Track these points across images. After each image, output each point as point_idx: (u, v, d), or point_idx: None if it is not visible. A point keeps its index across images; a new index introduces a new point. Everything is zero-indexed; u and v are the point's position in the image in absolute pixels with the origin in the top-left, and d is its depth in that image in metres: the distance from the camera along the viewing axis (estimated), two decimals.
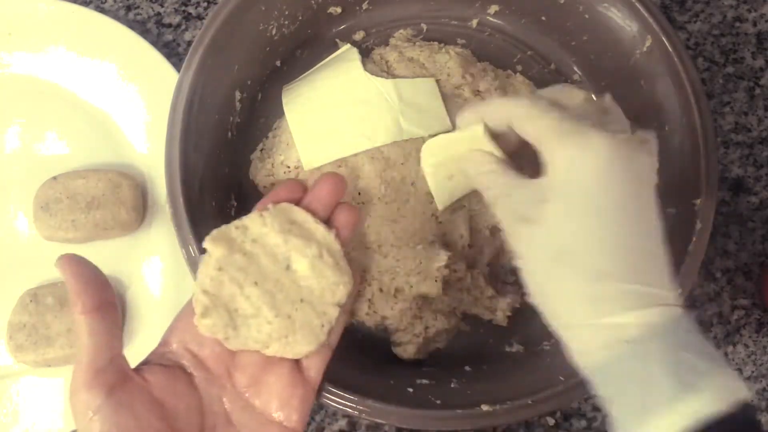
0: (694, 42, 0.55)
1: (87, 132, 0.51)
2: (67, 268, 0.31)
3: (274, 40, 0.48)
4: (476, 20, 0.51)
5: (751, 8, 0.56)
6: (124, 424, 0.29)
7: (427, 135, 0.44)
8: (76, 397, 0.30)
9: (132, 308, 0.48)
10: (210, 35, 0.43)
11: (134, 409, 0.30)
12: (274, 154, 0.46)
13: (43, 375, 0.46)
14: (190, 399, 0.32)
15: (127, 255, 0.49)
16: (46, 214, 0.47)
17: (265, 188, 0.47)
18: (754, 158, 0.53)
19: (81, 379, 0.30)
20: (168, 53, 0.53)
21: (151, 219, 0.50)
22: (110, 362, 0.31)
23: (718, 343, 0.49)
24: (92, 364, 0.30)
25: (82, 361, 0.30)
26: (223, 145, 0.46)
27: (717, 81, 0.54)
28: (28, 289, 0.46)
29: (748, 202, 0.52)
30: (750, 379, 0.48)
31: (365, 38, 0.51)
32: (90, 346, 0.30)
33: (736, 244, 0.51)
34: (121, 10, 0.55)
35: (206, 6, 0.55)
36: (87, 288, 0.31)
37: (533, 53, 0.51)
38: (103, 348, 0.31)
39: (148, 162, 0.51)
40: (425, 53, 0.48)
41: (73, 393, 0.30)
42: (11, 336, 0.45)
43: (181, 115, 0.42)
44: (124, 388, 0.30)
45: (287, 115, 0.45)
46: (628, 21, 0.45)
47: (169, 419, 0.31)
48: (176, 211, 0.41)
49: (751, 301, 0.50)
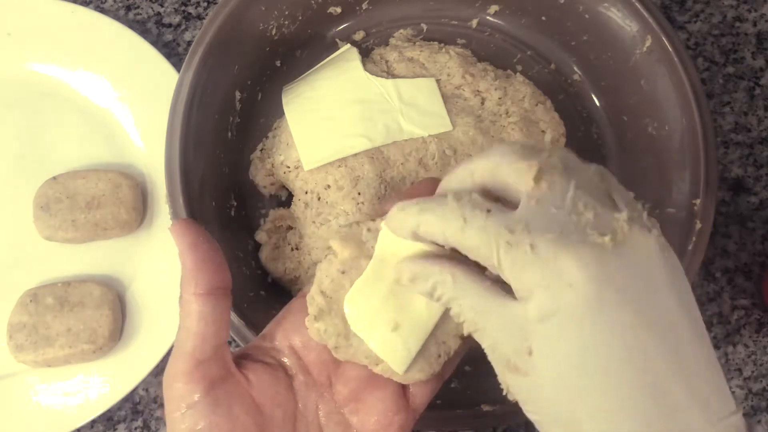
0: (694, 42, 0.55)
1: (87, 132, 0.51)
2: (183, 239, 0.27)
3: (274, 40, 0.48)
4: (476, 20, 0.51)
5: (751, 8, 0.56)
6: (218, 425, 0.27)
7: (427, 135, 0.44)
8: (172, 386, 0.27)
9: (132, 308, 0.48)
10: (210, 35, 0.43)
11: (232, 411, 0.27)
12: (274, 154, 0.46)
13: (43, 375, 0.46)
14: (288, 406, 0.29)
15: (127, 255, 0.49)
16: (46, 214, 0.47)
17: (265, 188, 0.47)
18: (754, 158, 0.53)
19: (180, 367, 0.27)
20: (168, 53, 0.53)
21: (151, 219, 0.50)
22: (215, 353, 0.28)
23: (718, 343, 0.49)
24: (196, 353, 0.27)
25: (184, 348, 0.27)
26: (223, 145, 0.46)
27: (717, 81, 0.54)
28: (28, 289, 0.46)
29: (748, 202, 0.52)
30: (750, 379, 0.48)
31: (365, 38, 0.51)
32: (197, 333, 0.27)
33: (736, 244, 0.51)
34: (121, 10, 0.55)
35: (206, 6, 0.55)
36: (204, 266, 0.27)
37: (533, 53, 0.51)
38: (210, 337, 0.27)
39: (148, 162, 0.51)
40: (425, 53, 0.48)
41: (170, 381, 0.28)
42: (11, 336, 0.45)
43: (181, 115, 0.42)
44: (225, 386, 0.28)
45: (287, 115, 0.45)
46: (628, 21, 0.45)
47: (265, 426, 0.28)
48: (176, 211, 0.41)
49: (751, 301, 0.50)
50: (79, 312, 0.45)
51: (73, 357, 0.45)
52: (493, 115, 0.46)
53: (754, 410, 0.48)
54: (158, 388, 0.48)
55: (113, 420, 0.47)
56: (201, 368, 0.27)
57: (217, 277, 0.28)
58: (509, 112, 0.46)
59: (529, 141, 0.24)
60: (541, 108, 0.48)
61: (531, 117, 0.47)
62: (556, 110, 0.48)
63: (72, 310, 0.45)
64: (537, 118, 0.47)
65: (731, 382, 0.48)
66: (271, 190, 0.48)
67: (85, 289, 0.46)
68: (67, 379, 0.46)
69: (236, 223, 0.46)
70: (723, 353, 0.49)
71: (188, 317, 0.27)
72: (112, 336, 0.45)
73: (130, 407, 0.47)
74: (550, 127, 0.47)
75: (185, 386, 0.27)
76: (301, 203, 0.45)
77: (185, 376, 0.27)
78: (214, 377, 0.28)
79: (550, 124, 0.48)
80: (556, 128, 0.48)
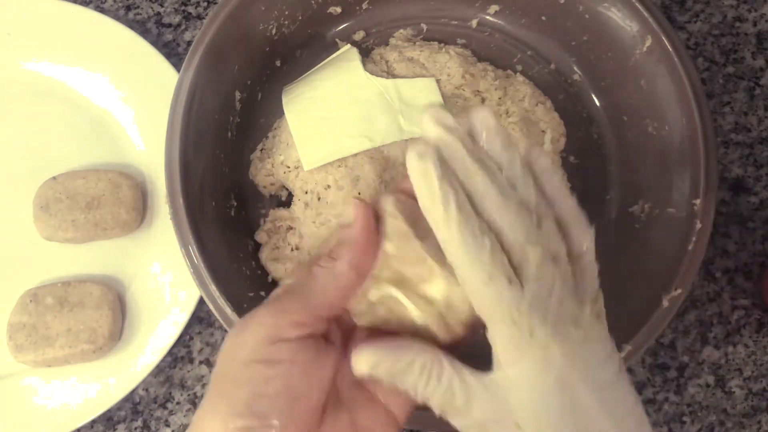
0: (694, 42, 0.55)
1: (87, 132, 0.51)
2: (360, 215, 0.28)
3: (274, 40, 0.48)
4: (476, 20, 0.51)
5: (751, 8, 0.56)
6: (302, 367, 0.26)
7: None
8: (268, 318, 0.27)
9: (132, 308, 0.48)
10: (210, 35, 0.43)
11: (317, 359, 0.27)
12: (274, 154, 0.46)
13: (43, 375, 0.46)
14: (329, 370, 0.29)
15: (127, 255, 0.49)
16: (46, 214, 0.47)
17: (265, 188, 0.47)
18: (754, 158, 0.53)
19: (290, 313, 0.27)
20: (168, 53, 0.53)
21: (151, 219, 0.50)
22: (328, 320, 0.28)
23: (718, 343, 0.49)
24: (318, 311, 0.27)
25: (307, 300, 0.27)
26: (223, 145, 0.46)
27: (717, 81, 0.54)
28: (28, 289, 0.46)
29: (748, 202, 0.52)
30: (750, 379, 0.48)
31: (365, 38, 0.51)
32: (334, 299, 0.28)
33: (736, 244, 0.51)
34: (121, 10, 0.55)
35: (206, 6, 0.55)
36: (371, 250, 0.28)
37: (533, 53, 0.51)
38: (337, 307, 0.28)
39: (148, 162, 0.51)
40: (425, 53, 0.48)
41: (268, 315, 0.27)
42: (11, 336, 0.45)
43: (181, 115, 0.42)
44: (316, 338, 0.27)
45: (287, 115, 0.45)
46: (628, 21, 0.45)
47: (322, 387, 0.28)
48: (176, 211, 0.41)
49: (751, 301, 0.50)
50: (79, 312, 0.45)
51: (73, 357, 0.45)
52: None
53: (754, 410, 0.48)
54: (158, 388, 0.48)
55: (113, 420, 0.47)
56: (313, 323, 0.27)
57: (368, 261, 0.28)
58: (509, 112, 0.46)
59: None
60: (541, 108, 0.48)
61: (531, 117, 0.47)
62: (556, 110, 0.49)
63: (72, 310, 0.45)
64: (537, 118, 0.47)
65: (731, 382, 0.48)
66: (271, 190, 0.48)
67: (85, 289, 0.46)
68: (67, 379, 0.46)
69: (236, 223, 0.46)
70: (723, 353, 0.49)
71: (333, 282, 0.28)
72: (112, 336, 0.45)
73: (130, 407, 0.47)
74: (550, 127, 0.48)
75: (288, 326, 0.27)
76: (301, 203, 0.45)
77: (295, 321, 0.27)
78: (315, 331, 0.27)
79: (550, 124, 0.48)
80: (556, 128, 0.48)
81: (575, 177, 0.48)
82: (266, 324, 0.27)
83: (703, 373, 0.49)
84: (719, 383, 0.48)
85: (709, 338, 0.49)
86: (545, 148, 0.47)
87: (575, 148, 0.49)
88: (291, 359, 0.26)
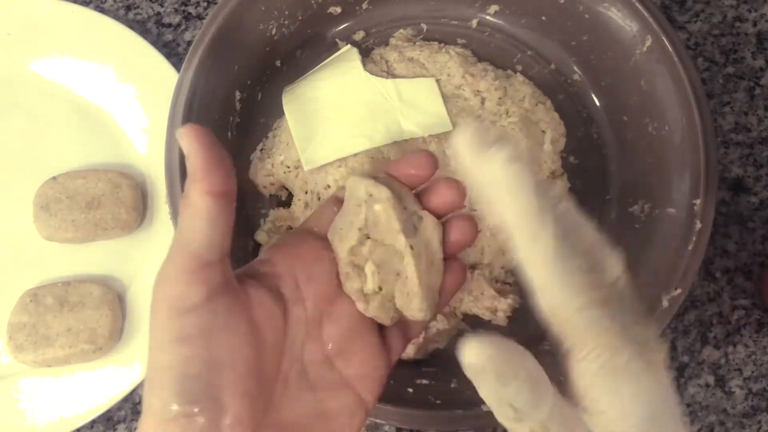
0: (694, 42, 0.55)
1: (87, 132, 0.51)
2: (192, 142, 0.26)
3: (274, 40, 0.48)
4: (476, 20, 0.51)
5: (751, 8, 0.56)
6: (215, 334, 0.25)
7: (427, 135, 0.44)
8: (167, 287, 0.25)
9: (132, 308, 0.48)
10: (210, 35, 0.43)
11: (230, 322, 0.25)
12: (274, 154, 0.46)
13: (43, 375, 0.46)
14: (279, 333, 0.28)
15: (127, 255, 0.49)
16: (46, 214, 0.47)
17: (265, 188, 0.47)
18: (754, 158, 0.53)
19: (180, 267, 0.25)
20: (168, 53, 0.53)
21: (151, 219, 0.50)
22: (220, 260, 0.26)
23: (718, 343, 0.49)
24: (201, 253, 0.25)
25: (189, 247, 0.25)
26: (223, 145, 0.46)
27: (717, 81, 0.54)
28: (28, 289, 0.46)
29: (748, 202, 0.52)
30: (750, 379, 0.48)
31: (365, 38, 0.51)
32: (205, 233, 0.25)
33: (736, 244, 0.51)
34: (121, 10, 0.55)
35: (206, 6, 0.55)
36: (216, 168, 0.26)
37: (533, 53, 0.51)
38: (217, 240, 0.26)
39: (148, 162, 0.51)
40: (425, 53, 0.48)
41: (165, 281, 0.25)
42: (11, 336, 0.45)
43: (181, 115, 0.42)
44: (226, 296, 0.26)
45: (287, 115, 0.45)
46: (628, 21, 0.45)
47: (258, 347, 0.26)
48: (176, 211, 0.41)
49: (751, 301, 0.50)
50: (79, 312, 0.45)
51: (73, 357, 0.45)
52: (493, 115, 0.46)
53: (754, 410, 0.48)
54: None
55: (113, 420, 0.47)
56: (205, 271, 0.25)
57: (227, 181, 0.27)
58: (509, 112, 0.46)
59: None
60: (541, 108, 0.48)
61: (531, 117, 0.47)
62: (556, 110, 0.49)
63: (72, 310, 0.45)
64: (537, 118, 0.47)
65: (731, 382, 0.48)
66: (271, 190, 0.48)
67: (85, 289, 0.46)
68: (67, 379, 0.46)
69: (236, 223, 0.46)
70: (723, 353, 0.49)
71: (195, 216, 0.26)
72: (112, 336, 0.45)
73: (130, 407, 0.47)
74: (550, 127, 0.48)
75: (186, 287, 0.25)
76: (301, 203, 0.45)
77: (187, 275, 0.25)
78: (216, 284, 0.26)
79: (550, 124, 0.48)
80: (556, 128, 0.48)
81: (575, 177, 0.48)
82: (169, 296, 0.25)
83: (703, 373, 0.49)
84: (719, 383, 0.48)
85: (709, 338, 0.49)
86: (545, 148, 0.47)
87: (575, 148, 0.49)
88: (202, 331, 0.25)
